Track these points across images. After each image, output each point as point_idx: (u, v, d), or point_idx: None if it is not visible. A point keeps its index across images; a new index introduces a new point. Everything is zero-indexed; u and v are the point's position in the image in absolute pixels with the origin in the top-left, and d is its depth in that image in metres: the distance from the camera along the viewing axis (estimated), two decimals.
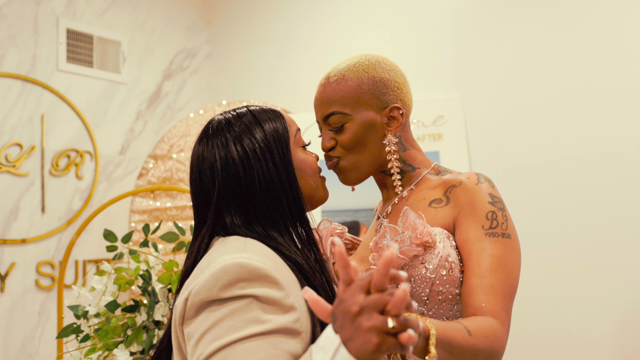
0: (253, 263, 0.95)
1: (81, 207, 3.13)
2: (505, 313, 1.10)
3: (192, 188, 1.19)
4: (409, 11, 3.19)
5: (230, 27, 4.00)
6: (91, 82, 3.28)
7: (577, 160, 2.65)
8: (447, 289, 1.16)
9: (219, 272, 0.94)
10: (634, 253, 2.50)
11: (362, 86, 1.29)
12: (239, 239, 1.06)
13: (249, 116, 1.18)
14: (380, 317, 0.71)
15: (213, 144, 1.15)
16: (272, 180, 1.11)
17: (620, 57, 2.59)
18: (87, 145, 3.21)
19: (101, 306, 1.93)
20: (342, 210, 2.97)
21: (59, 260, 3.00)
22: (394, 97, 1.30)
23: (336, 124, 1.30)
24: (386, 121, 1.30)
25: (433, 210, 1.24)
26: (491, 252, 1.13)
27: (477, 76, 2.94)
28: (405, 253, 1.16)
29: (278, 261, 1.02)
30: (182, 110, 3.80)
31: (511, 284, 1.13)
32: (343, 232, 1.49)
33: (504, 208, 1.20)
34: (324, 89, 1.32)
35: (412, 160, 1.34)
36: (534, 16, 2.81)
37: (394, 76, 1.32)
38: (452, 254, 1.17)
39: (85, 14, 3.29)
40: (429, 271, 1.15)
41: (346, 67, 1.32)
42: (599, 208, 2.59)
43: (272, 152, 1.14)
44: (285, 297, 0.94)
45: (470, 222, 1.18)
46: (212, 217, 1.12)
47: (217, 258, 0.98)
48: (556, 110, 2.72)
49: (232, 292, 0.93)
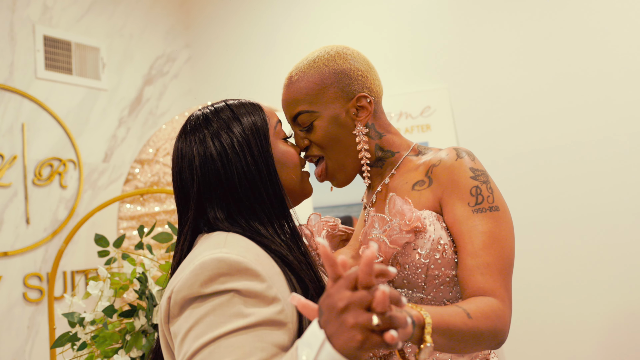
0: (232, 257, 0.94)
1: (67, 217, 3.06)
2: (505, 290, 1.08)
3: (173, 185, 1.18)
4: (393, 4, 3.18)
5: (209, 31, 3.96)
6: (71, 90, 3.22)
7: (565, 150, 2.67)
8: (444, 272, 1.14)
9: (198, 268, 0.94)
10: (623, 242, 2.51)
11: (324, 81, 1.26)
12: (221, 234, 1.05)
13: (227, 111, 1.17)
14: (365, 314, 0.69)
15: (191, 140, 1.14)
16: (251, 174, 1.10)
17: (607, 48, 2.61)
18: (69, 154, 3.14)
19: (98, 312, 1.88)
20: (334, 205, 2.95)
21: (46, 272, 2.92)
22: (359, 86, 1.28)
23: (305, 124, 1.28)
24: (355, 112, 1.27)
25: (417, 193, 1.22)
26: (482, 229, 1.11)
27: (462, 66, 2.94)
28: (396, 241, 1.14)
29: (260, 253, 1.02)
30: (165, 115, 3.75)
31: (507, 257, 1.11)
32: (336, 224, 1.47)
33: (487, 180, 1.18)
34: (288, 89, 1.30)
35: (390, 145, 1.31)
36: (520, 6, 2.82)
37: (356, 65, 1.29)
38: (443, 236, 1.15)
39: (62, 20, 3.23)
40: (422, 257, 1.13)
41: (306, 64, 1.29)
42: (589, 197, 2.60)
43: (251, 145, 1.12)
44: (268, 289, 0.94)
45: (456, 201, 1.16)
46: (192, 214, 1.12)
47: (198, 255, 0.98)
48: (543, 100, 2.73)
49: (213, 288, 0.92)
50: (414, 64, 3.07)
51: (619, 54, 2.57)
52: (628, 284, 2.48)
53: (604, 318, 2.52)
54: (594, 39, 2.63)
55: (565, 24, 2.70)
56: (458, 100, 2.94)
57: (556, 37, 2.72)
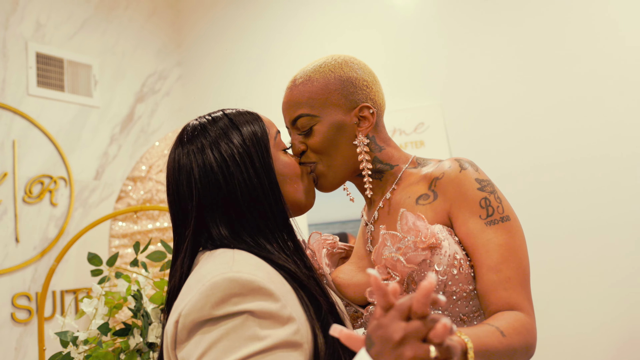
0: (244, 276, 0.90)
1: (57, 235, 3.01)
2: (528, 302, 1.08)
3: (169, 199, 1.13)
4: (384, 22, 3.21)
5: (200, 49, 3.97)
6: (63, 107, 3.19)
7: (558, 167, 2.68)
8: (461, 287, 1.12)
9: (209, 289, 0.89)
10: (619, 250, 2.52)
11: (329, 86, 1.24)
12: (227, 252, 1.00)
13: (226, 120, 1.13)
14: (423, 345, 0.67)
15: (189, 151, 1.10)
16: (253, 187, 1.06)
17: (601, 65, 2.65)
18: (61, 171, 3.11)
19: (92, 330, 1.84)
20: (329, 222, 2.94)
21: (35, 292, 2.86)
22: (363, 96, 1.26)
23: (304, 127, 1.25)
24: (356, 121, 1.25)
25: (422, 207, 1.20)
26: (497, 242, 1.10)
27: (455, 83, 2.97)
28: (413, 260, 1.10)
29: (270, 271, 0.97)
30: (156, 132, 3.73)
31: (524, 268, 1.11)
32: (335, 241, 1.45)
33: (494, 189, 1.17)
34: (291, 92, 1.28)
35: (389, 158, 1.29)
36: (513, 24, 2.86)
37: (362, 75, 1.28)
38: (458, 250, 1.12)
39: (55, 37, 3.21)
40: (439, 273, 1.10)
41: (312, 69, 1.28)
42: (583, 214, 2.61)
43: (252, 157, 1.09)
44: (282, 309, 0.90)
45: (467, 214, 1.14)
46: (192, 230, 1.07)
47: (206, 275, 0.93)
48: (536, 117, 2.76)
49: (225, 310, 0.87)
50: (407, 80, 3.09)
51: (612, 72, 2.61)
52: (626, 298, 2.49)
53: (602, 331, 2.52)
54: (587, 56, 2.67)
55: (558, 42, 2.74)
56: (451, 117, 2.96)
57: (549, 54, 2.75)
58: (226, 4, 3.90)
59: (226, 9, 3.89)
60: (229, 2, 3.88)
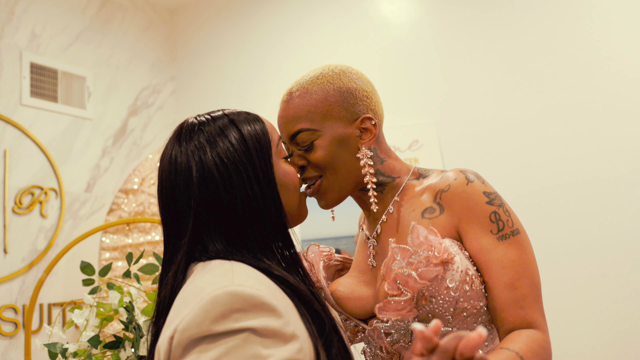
0: (247, 290, 0.84)
1: (46, 247, 2.96)
2: (543, 318, 1.08)
3: (162, 202, 1.06)
4: (380, 39, 3.24)
5: (194, 64, 3.97)
6: (56, 117, 3.17)
7: (552, 182, 2.70)
8: (472, 304, 1.09)
9: (209, 304, 0.82)
10: (608, 277, 2.53)
11: (328, 98, 1.19)
12: (224, 264, 0.94)
13: (227, 120, 1.08)
14: None
15: (187, 151, 1.03)
16: (254, 197, 1.01)
17: (593, 82, 2.67)
18: (51, 182, 3.07)
19: (82, 342, 1.80)
20: (322, 238, 2.92)
21: (22, 304, 2.81)
22: (364, 107, 1.21)
23: (305, 142, 1.19)
24: (358, 134, 1.20)
25: (428, 221, 1.16)
26: (511, 258, 1.09)
27: (450, 101, 2.99)
28: (425, 276, 1.06)
29: (271, 285, 0.92)
30: (149, 146, 3.71)
31: (537, 282, 1.10)
32: (331, 253, 1.41)
33: (502, 202, 1.14)
34: (287, 105, 1.22)
35: (390, 170, 1.25)
36: (507, 42, 2.89)
37: (361, 85, 1.23)
38: (469, 266, 1.09)
39: (50, 48, 3.20)
40: (451, 289, 1.06)
41: (309, 80, 1.22)
42: (577, 228, 2.62)
43: (254, 164, 1.03)
44: (285, 325, 0.84)
45: (477, 230, 1.11)
46: (188, 239, 1.00)
47: (205, 287, 0.86)
48: (529, 135, 2.77)
49: (226, 326, 0.81)
50: (403, 98, 3.11)
51: (604, 88, 2.64)
52: (622, 318, 2.49)
53: (599, 347, 2.52)
54: (579, 74, 2.70)
55: (551, 60, 2.77)
56: (445, 135, 2.97)
57: (541, 72, 2.78)
58: (221, 20, 3.92)
59: (221, 25, 3.91)
60: (224, 19, 3.90)
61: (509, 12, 2.90)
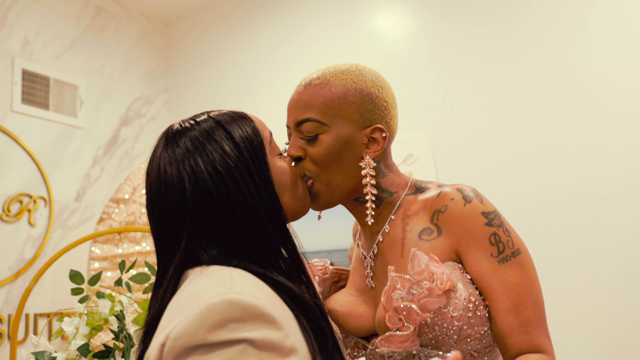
0: (246, 299, 0.79)
1: (33, 256, 2.90)
2: (549, 340, 1.05)
3: (150, 211, 1.02)
4: (375, 54, 3.25)
5: (187, 76, 3.96)
6: (47, 125, 3.13)
7: (546, 198, 2.70)
8: (476, 330, 1.05)
9: (205, 311, 0.78)
10: (609, 291, 2.53)
11: (347, 97, 1.15)
12: (223, 269, 0.90)
13: (213, 123, 1.03)
14: None
15: (177, 158, 0.99)
16: (254, 204, 0.97)
17: (589, 96, 2.69)
18: (41, 191, 3.02)
19: (71, 351, 1.76)
20: (314, 251, 2.89)
21: (8, 314, 2.74)
22: (379, 116, 1.17)
23: (309, 133, 1.15)
24: (366, 142, 1.15)
25: (426, 243, 1.12)
26: (513, 281, 1.06)
27: (444, 116, 2.99)
28: (428, 307, 1.02)
29: (271, 294, 0.87)
30: (140, 157, 3.67)
31: (541, 304, 1.07)
32: (325, 267, 1.38)
33: (502, 222, 1.10)
34: (304, 90, 1.18)
35: (389, 185, 1.21)
36: (501, 57, 2.91)
37: (384, 94, 1.19)
38: (472, 291, 1.06)
39: (42, 55, 3.17)
40: (455, 318, 1.02)
41: (333, 72, 1.18)
42: (571, 245, 2.62)
43: (250, 167, 0.99)
44: (285, 338, 0.79)
45: (477, 254, 1.07)
46: (181, 254, 0.95)
47: (202, 294, 0.81)
48: (524, 150, 2.78)
49: (222, 336, 0.76)
50: (398, 112, 3.10)
51: (599, 104, 2.65)
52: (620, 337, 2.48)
53: None
54: (574, 90, 2.72)
55: (546, 75, 2.79)
56: (440, 149, 2.97)
57: (537, 88, 2.80)
58: (215, 33, 3.91)
59: (215, 38, 3.90)
60: (218, 31, 3.90)
61: (504, 28, 2.92)
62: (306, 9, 3.59)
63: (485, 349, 1.09)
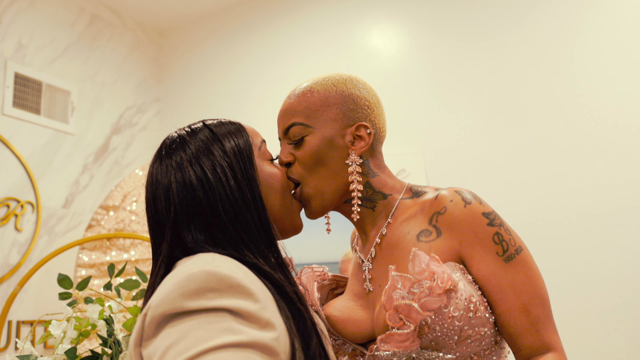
0: (223, 271, 0.82)
1: (19, 262, 2.85)
2: (558, 337, 1.06)
3: (147, 214, 1.07)
4: (368, 70, 3.27)
5: (180, 86, 3.95)
6: (37, 130, 3.10)
7: (538, 216, 2.71)
8: (477, 331, 1.04)
9: (183, 280, 0.81)
10: (602, 309, 2.53)
11: (328, 99, 1.19)
12: (207, 255, 0.93)
13: (207, 132, 1.08)
14: None
15: (167, 164, 1.04)
16: (235, 199, 1.00)
17: (581, 115, 2.72)
18: (29, 196, 2.98)
19: (58, 355, 1.72)
20: (309, 263, 2.87)
21: None
22: (362, 115, 1.20)
23: (296, 137, 1.18)
24: (351, 139, 1.17)
25: (425, 245, 1.11)
26: (521, 280, 1.07)
27: (437, 131, 3.01)
28: (428, 306, 1.01)
29: (251, 275, 0.89)
30: (130, 166, 3.64)
31: (547, 300, 1.09)
32: (324, 273, 1.36)
33: (501, 221, 1.12)
34: (288, 100, 1.23)
35: (382, 186, 1.21)
36: (495, 74, 2.94)
37: (365, 94, 1.22)
38: (473, 292, 1.05)
39: (35, 59, 3.15)
40: (455, 319, 1.02)
41: (315, 81, 1.23)
42: (563, 263, 2.63)
43: (234, 169, 1.03)
44: (262, 310, 0.81)
45: (483, 254, 1.08)
46: (167, 245, 0.99)
47: (184, 269, 0.85)
48: (516, 166, 2.80)
49: (199, 303, 0.79)
50: (390, 127, 3.10)
51: (592, 121, 2.68)
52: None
53: None
54: (566, 105, 2.75)
55: (539, 92, 2.82)
56: (432, 165, 2.98)
57: (529, 105, 2.83)
58: (209, 44, 3.92)
59: (209, 49, 3.91)
60: (212, 43, 3.91)
61: (498, 45, 2.96)
62: (302, 23, 3.61)
63: (484, 351, 1.08)
